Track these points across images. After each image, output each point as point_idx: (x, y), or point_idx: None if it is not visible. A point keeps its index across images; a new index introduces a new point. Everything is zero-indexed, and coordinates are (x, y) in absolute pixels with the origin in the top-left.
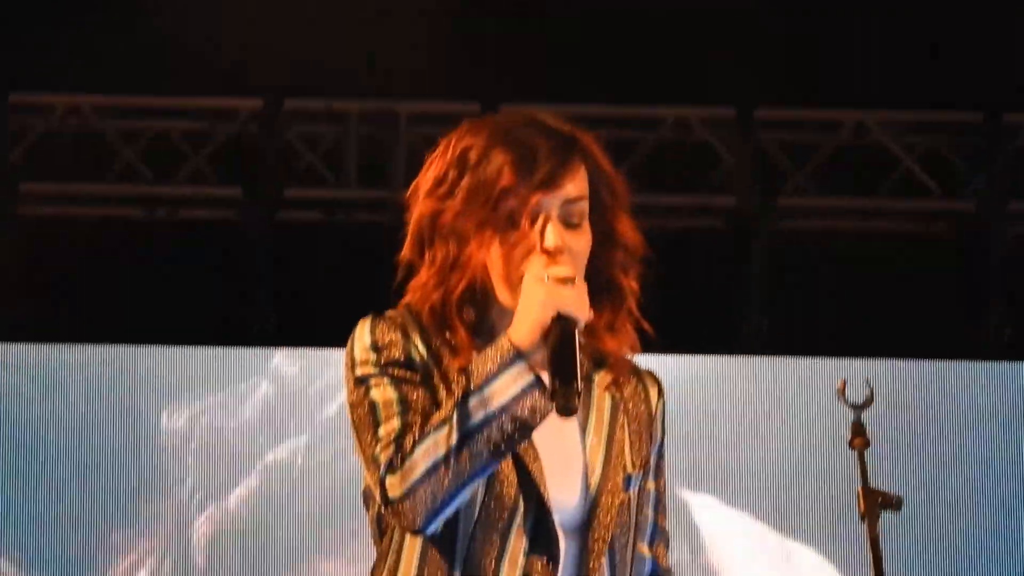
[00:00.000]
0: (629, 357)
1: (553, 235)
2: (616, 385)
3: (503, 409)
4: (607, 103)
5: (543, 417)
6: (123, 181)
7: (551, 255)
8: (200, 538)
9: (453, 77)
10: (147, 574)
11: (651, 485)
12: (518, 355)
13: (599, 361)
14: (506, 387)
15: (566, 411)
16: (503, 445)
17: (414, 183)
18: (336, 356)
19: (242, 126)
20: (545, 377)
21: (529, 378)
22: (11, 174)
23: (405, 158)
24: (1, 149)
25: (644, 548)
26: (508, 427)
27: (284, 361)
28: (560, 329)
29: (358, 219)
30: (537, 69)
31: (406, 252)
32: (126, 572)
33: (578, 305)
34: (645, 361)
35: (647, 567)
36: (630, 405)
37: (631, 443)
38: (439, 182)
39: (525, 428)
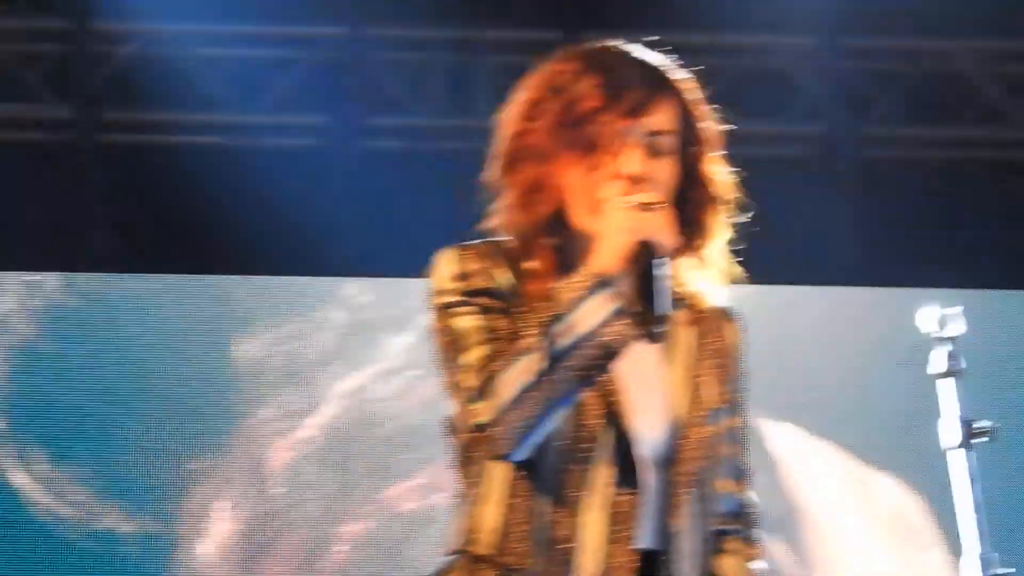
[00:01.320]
0: (712, 292)
1: (636, 162)
2: (697, 321)
3: (589, 335)
4: (690, 31)
5: (629, 343)
6: (205, 109)
7: (632, 182)
8: (278, 466)
9: (536, 3)
10: (224, 503)
11: (731, 421)
12: (603, 281)
13: (680, 297)
14: (592, 313)
15: (652, 337)
16: (589, 371)
17: (503, 108)
18: (411, 285)
19: (326, 54)
20: (631, 304)
21: (614, 304)
22: (95, 102)
23: (488, 86)
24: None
25: (725, 484)
26: (594, 353)
27: (359, 290)
28: (645, 254)
29: (441, 147)
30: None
31: (491, 174)
32: (203, 501)
33: (662, 230)
34: (727, 290)
35: (729, 503)
36: (711, 340)
37: (712, 378)
38: (528, 105)
39: (611, 354)
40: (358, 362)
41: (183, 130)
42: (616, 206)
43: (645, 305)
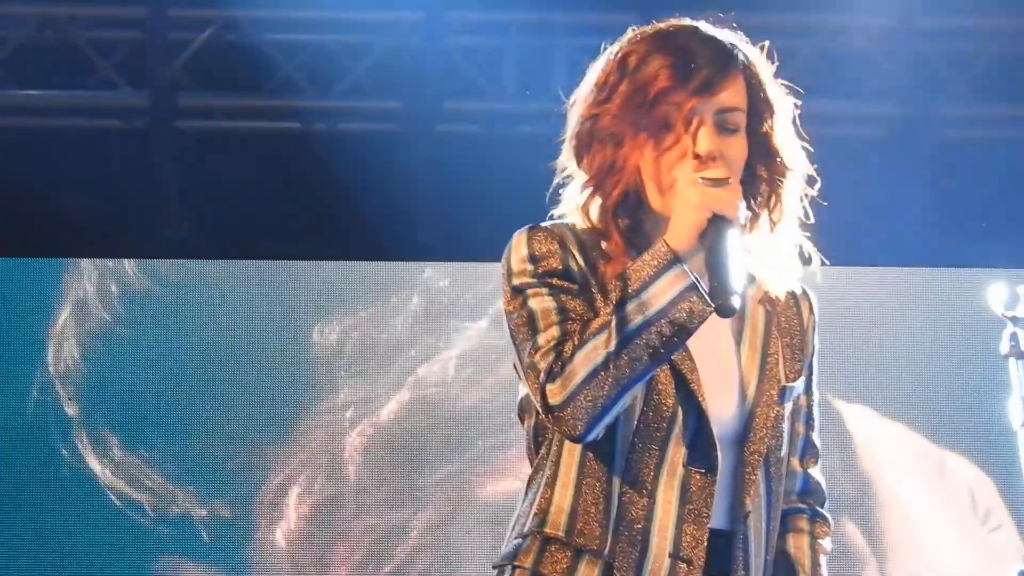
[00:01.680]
0: (786, 270)
1: (706, 140)
2: (769, 299)
3: (661, 313)
4: (766, 11)
5: (701, 320)
6: (280, 94)
7: (703, 160)
8: (352, 452)
9: None
10: (300, 488)
11: (803, 400)
12: (675, 259)
13: (753, 275)
14: (664, 291)
15: (725, 312)
16: (662, 349)
17: (576, 92)
18: (486, 269)
19: (401, 39)
20: (703, 281)
21: (687, 281)
22: (172, 87)
23: (564, 69)
24: (161, 63)
25: (796, 463)
26: (667, 331)
27: (434, 274)
28: (716, 230)
29: (516, 131)
30: None
31: (564, 159)
32: (280, 486)
33: (733, 205)
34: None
35: (799, 482)
36: (783, 319)
37: (785, 357)
38: (599, 88)
39: (683, 332)
40: (434, 348)
41: (260, 116)
42: (686, 183)
43: (717, 281)
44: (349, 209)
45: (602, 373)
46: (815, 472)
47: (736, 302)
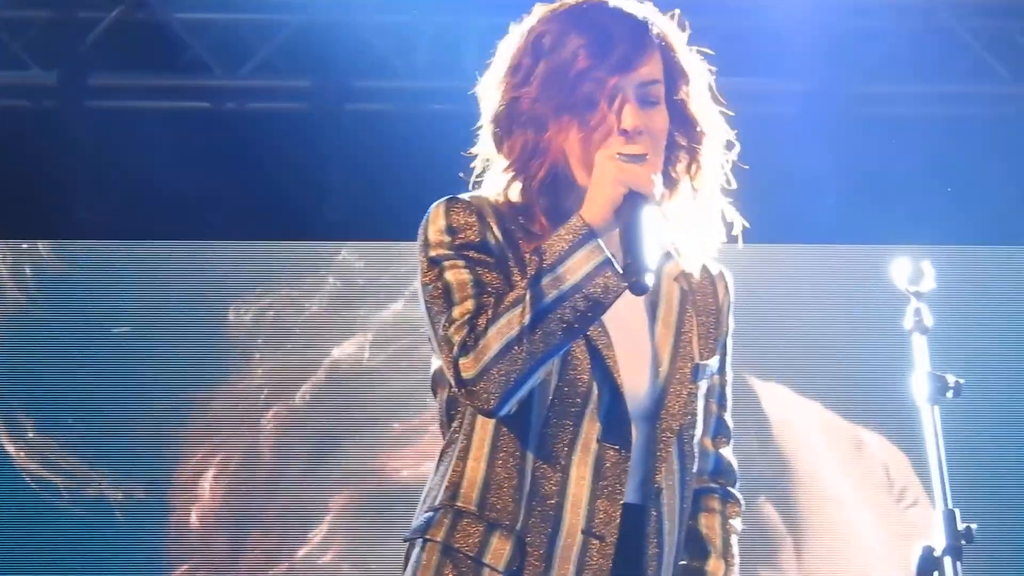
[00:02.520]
0: (706, 245)
1: (631, 115)
2: (685, 277)
3: (576, 287)
4: None
5: (616, 296)
6: (190, 74)
7: (630, 135)
8: (268, 433)
9: None
10: (215, 469)
11: (717, 379)
12: (590, 233)
13: (669, 251)
14: (579, 265)
15: (637, 289)
16: (576, 324)
17: (485, 75)
18: (400, 249)
19: (311, 17)
20: (618, 257)
21: (602, 256)
22: (81, 67)
23: (475, 47)
24: (71, 42)
25: (708, 442)
26: (581, 305)
27: (350, 256)
28: (631, 206)
29: (428, 110)
30: None
31: (483, 145)
32: (195, 467)
33: (648, 181)
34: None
35: (711, 461)
36: (698, 297)
37: (699, 334)
38: (514, 71)
39: (598, 306)
40: (350, 329)
41: (169, 95)
42: (603, 158)
43: (631, 258)
44: (260, 189)
45: (516, 347)
46: (727, 452)
47: (649, 280)
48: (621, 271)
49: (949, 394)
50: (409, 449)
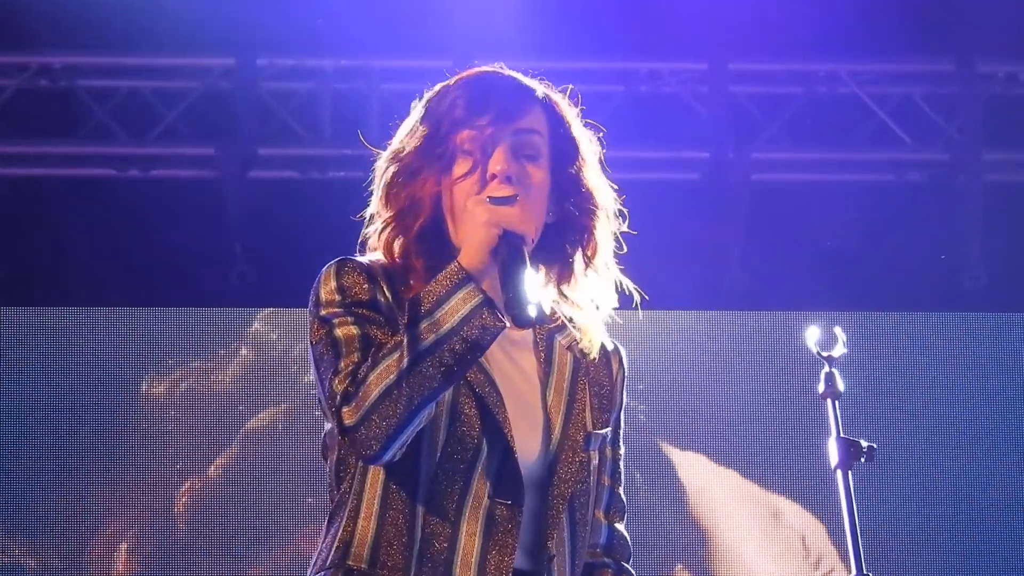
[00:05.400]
0: (601, 312)
1: (500, 160)
2: (579, 348)
3: (454, 331)
4: (580, 59)
5: (494, 336)
6: (95, 140)
7: (497, 178)
8: (182, 506)
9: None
10: (130, 541)
11: (609, 452)
12: (467, 277)
13: (562, 321)
14: (456, 309)
15: (520, 322)
16: (455, 367)
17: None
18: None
19: (215, 84)
20: (498, 297)
21: (478, 298)
22: None
23: (379, 114)
24: None
25: (600, 515)
26: (459, 348)
27: (263, 326)
28: (507, 246)
29: (331, 177)
30: (513, 24)
31: (373, 205)
32: (109, 540)
33: (521, 220)
34: (619, 316)
35: (603, 535)
36: (592, 368)
37: (592, 404)
38: (405, 132)
39: (476, 349)
40: (263, 401)
41: (73, 162)
42: (473, 203)
43: (511, 294)
44: (165, 256)
45: (395, 392)
46: (620, 527)
47: (532, 312)
48: (499, 311)
49: (862, 459)
50: (324, 522)
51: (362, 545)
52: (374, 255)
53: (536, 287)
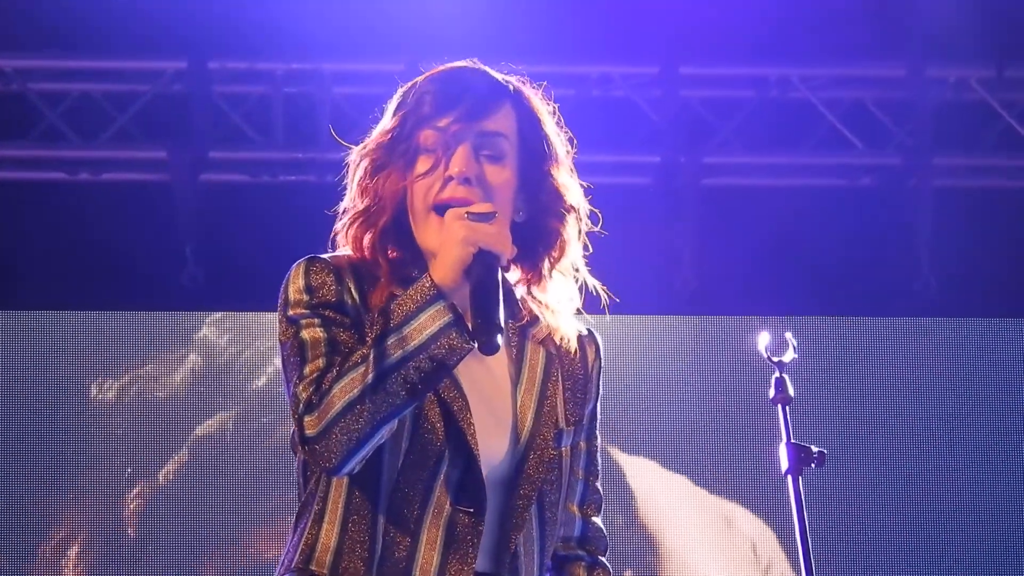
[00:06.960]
0: (567, 311)
1: (459, 161)
2: (552, 341)
3: (420, 348)
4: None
5: (461, 357)
6: (46, 143)
7: (455, 180)
8: (131, 512)
9: (381, 36)
10: (79, 548)
11: (584, 445)
12: (438, 294)
13: (534, 315)
14: (424, 326)
15: (487, 349)
16: (420, 385)
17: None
18: (264, 321)
19: (166, 87)
20: (467, 317)
21: (448, 317)
22: None
23: (330, 118)
24: None
25: (574, 508)
26: (425, 366)
27: (213, 331)
28: (481, 265)
29: (283, 180)
30: (466, 27)
31: (346, 199)
32: (58, 544)
33: (499, 240)
34: (582, 320)
35: (577, 527)
36: (566, 361)
37: (565, 399)
38: (377, 130)
39: (442, 368)
40: (213, 406)
41: (24, 165)
42: (452, 217)
43: (481, 318)
44: (115, 259)
45: (358, 407)
46: (597, 520)
47: (499, 340)
48: (471, 330)
49: (812, 464)
50: (274, 527)
51: (325, 551)
52: (343, 250)
53: (506, 313)
